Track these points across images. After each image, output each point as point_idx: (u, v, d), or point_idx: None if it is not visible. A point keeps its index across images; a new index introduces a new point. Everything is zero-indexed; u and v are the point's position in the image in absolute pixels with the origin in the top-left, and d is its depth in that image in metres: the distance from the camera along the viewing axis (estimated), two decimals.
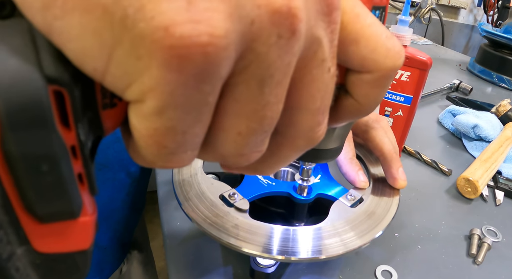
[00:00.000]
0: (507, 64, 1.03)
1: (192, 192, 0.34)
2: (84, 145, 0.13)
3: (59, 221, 0.13)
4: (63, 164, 0.12)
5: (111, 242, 0.60)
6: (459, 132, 0.67)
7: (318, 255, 0.29)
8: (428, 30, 2.07)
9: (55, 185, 0.12)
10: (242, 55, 0.12)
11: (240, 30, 0.11)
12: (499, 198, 0.51)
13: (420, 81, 0.49)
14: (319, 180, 0.38)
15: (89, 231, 0.14)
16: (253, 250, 0.29)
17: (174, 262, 0.36)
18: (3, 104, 0.10)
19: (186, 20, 0.10)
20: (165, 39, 0.10)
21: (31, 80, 0.10)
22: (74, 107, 0.12)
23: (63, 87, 0.11)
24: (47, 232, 0.13)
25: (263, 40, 0.12)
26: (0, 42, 0.10)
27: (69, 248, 0.13)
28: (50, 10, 0.10)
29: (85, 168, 0.13)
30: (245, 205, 0.33)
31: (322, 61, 0.14)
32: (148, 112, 0.12)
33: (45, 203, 0.12)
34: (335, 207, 0.34)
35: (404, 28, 0.48)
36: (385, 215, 0.34)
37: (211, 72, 0.11)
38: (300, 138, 0.15)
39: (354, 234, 0.31)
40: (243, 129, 0.13)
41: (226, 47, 0.11)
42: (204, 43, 0.10)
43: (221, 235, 0.29)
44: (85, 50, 0.11)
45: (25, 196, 0.12)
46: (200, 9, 0.10)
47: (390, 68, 0.16)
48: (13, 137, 0.10)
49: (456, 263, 0.40)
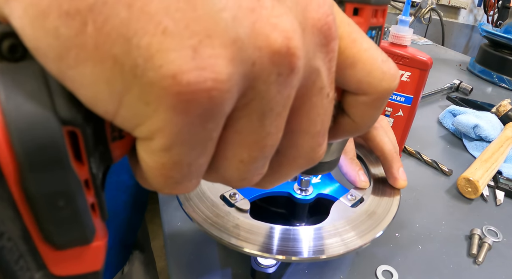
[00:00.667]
0: (507, 64, 1.03)
1: (193, 192, 0.34)
2: (96, 177, 0.13)
3: (74, 247, 0.14)
4: (78, 198, 0.12)
5: (114, 243, 0.60)
6: (459, 132, 0.67)
7: (319, 255, 0.29)
8: (428, 30, 2.07)
9: (71, 217, 0.13)
10: (244, 92, 0.12)
11: (242, 71, 0.12)
12: (499, 198, 0.51)
13: (421, 81, 0.49)
14: (320, 180, 0.38)
15: (101, 254, 0.15)
16: (254, 250, 0.29)
17: (175, 262, 0.36)
18: (21, 147, 0.11)
19: (192, 68, 0.11)
20: (173, 86, 0.11)
21: (47, 124, 0.11)
22: (87, 144, 0.12)
23: (77, 128, 0.12)
24: (63, 258, 0.14)
25: (263, 79, 0.12)
26: (16, 87, 0.11)
27: (82, 270, 0.14)
28: (63, 60, 0.11)
29: (97, 198, 0.14)
30: (246, 205, 0.33)
31: (321, 89, 0.14)
32: (156, 149, 0.12)
33: (62, 234, 0.13)
34: (336, 207, 0.34)
35: (404, 28, 0.48)
36: (386, 215, 0.34)
37: (215, 112, 0.12)
38: (301, 158, 0.16)
39: (355, 234, 0.31)
40: (245, 158, 0.14)
41: (229, 89, 0.11)
42: (209, 88, 0.11)
43: (222, 235, 0.29)
44: (97, 96, 0.11)
45: (43, 228, 0.12)
46: (204, 56, 0.11)
47: (385, 90, 0.16)
48: (31, 177, 0.11)
49: (457, 263, 0.40)
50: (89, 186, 0.13)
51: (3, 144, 0.11)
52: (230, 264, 0.35)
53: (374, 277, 0.37)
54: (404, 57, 0.48)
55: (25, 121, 0.11)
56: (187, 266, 0.36)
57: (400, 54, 0.49)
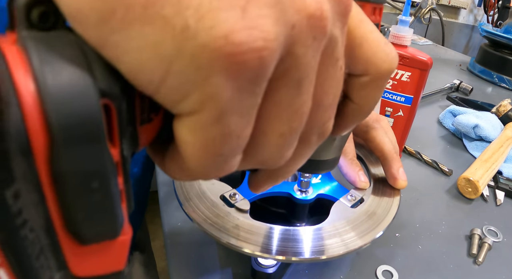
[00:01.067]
0: (507, 64, 1.03)
1: (193, 192, 0.34)
2: (126, 161, 0.12)
3: (101, 241, 0.12)
4: (112, 180, 0.11)
5: None
6: (459, 132, 0.67)
7: (319, 256, 0.29)
8: (429, 30, 2.07)
9: (104, 202, 0.11)
10: (283, 58, 0.12)
11: (285, 33, 0.12)
12: (499, 198, 0.51)
13: (421, 81, 0.49)
14: (320, 180, 0.38)
15: (126, 250, 0.13)
16: (253, 250, 0.29)
17: (175, 262, 0.36)
18: (58, 120, 0.09)
19: (242, 27, 0.11)
20: (225, 47, 0.10)
21: (88, 94, 0.10)
22: (120, 121, 0.11)
23: (113, 101, 0.11)
24: (87, 254, 0.12)
25: (302, 42, 0.12)
26: (51, 52, 0.10)
27: (106, 270, 0.13)
28: (107, 23, 0.10)
29: (125, 185, 0.13)
30: (246, 206, 0.33)
31: (337, 60, 0.15)
32: (205, 122, 0.12)
33: (92, 223, 0.11)
34: (336, 207, 0.34)
35: (405, 28, 0.48)
36: (386, 215, 0.34)
37: (263, 74, 0.12)
38: (313, 134, 0.16)
39: (355, 234, 0.31)
40: (285, 130, 0.14)
41: (277, 49, 0.11)
42: (260, 47, 0.11)
43: (221, 235, 0.29)
44: (143, 62, 0.11)
45: (70, 216, 0.11)
46: (253, 16, 0.11)
47: (387, 70, 0.17)
48: (66, 154, 0.10)
49: (457, 263, 0.40)
50: (119, 170, 0.12)
51: (35, 116, 0.09)
52: (230, 264, 0.35)
53: (374, 277, 0.37)
54: (404, 57, 0.48)
55: (63, 90, 0.09)
56: (187, 266, 0.36)
57: (400, 54, 0.49)
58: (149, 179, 0.66)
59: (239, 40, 0.10)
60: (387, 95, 0.51)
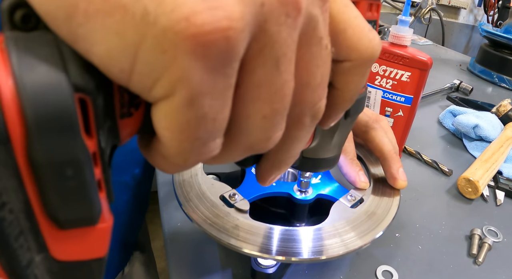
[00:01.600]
0: (507, 64, 1.03)
1: (193, 193, 0.34)
2: (104, 152, 0.13)
3: (79, 227, 0.13)
4: (86, 169, 0.12)
5: (115, 244, 0.60)
6: (459, 132, 0.67)
7: (319, 256, 0.29)
8: (429, 30, 2.07)
9: (79, 189, 0.12)
10: (256, 37, 0.12)
11: (253, 11, 0.12)
12: (499, 198, 0.51)
13: (421, 81, 0.49)
14: (320, 180, 0.38)
15: (106, 238, 0.14)
16: (253, 250, 0.29)
17: (175, 262, 0.36)
18: (32, 112, 0.10)
19: (204, 8, 0.11)
20: (188, 29, 0.10)
21: (60, 88, 0.11)
22: (96, 114, 0.12)
23: (88, 95, 0.12)
24: (66, 239, 0.13)
25: (274, 20, 0.12)
26: (28, 51, 0.11)
27: (86, 255, 0.14)
28: (73, 18, 0.11)
29: (104, 175, 0.13)
30: (246, 206, 0.33)
31: (320, 39, 0.15)
32: (179, 105, 0.12)
33: (67, 208, 0.12)
34: (336, 207, 0.34)
35: (405, 28, 0.48)
36: (386, 216, 0.34)
37: (232, 54, 0.12)
38: (306, 115, 0.16)
39: (355, 235, 0.31)
40: (268, 112, 0.14)
41: (243, 28, 0.11)
42: (225, 27, 0.11)
43: (221, 235, 0.29)
44: (110, 52, 0.11)
45: (48, 202, 0.12)
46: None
47: (370, 57, 0.17)
48: (40, 143, 0.11)
49: (457, 263, 0.40)
50: (97, 161, 0.13)
51: (12, 108, 0.10)
52: (230, 265, 0.35)
53: (374, 277, 0.37)
54: (404, 57, 0.48)
55: (37, 85, 0.10)
56: (187, 266, 0.36)
57: (400, 54, 0.49)
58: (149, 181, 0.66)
59: (201, 21, 0.11)
60: (387, 95, 0.51)
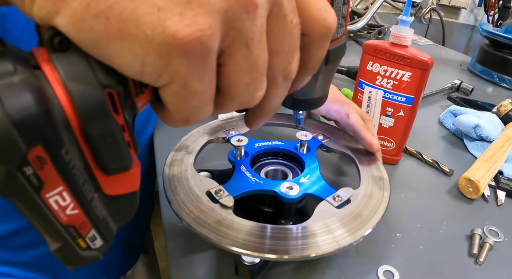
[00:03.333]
0: (508, 64, 1.03)
1: (180, 187, 0.35)
2: (128, 122, 0.19)
3: (119, 172, 0.19)
4: (119, 136, 0.18)
5: (120, 245, 0.60)
6: (460, 132, 0.67)
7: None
8: (429, 30, 2.07)
9: (117, 149, 0.18)
10: (227, 33, 0.17)
11: (219, 18, 0.17)
12: (500, 198, 0.51)
13: (421, 81, 0.49)
14: (308, 180, 0.38)
15: (137, 178, 0.21)
16: (233, 246, 0.29)
17: (175, 262, 0.36)
18: (80, 107, 0.16)
19: (183, 26, 0.16)
20: (174, 41, 0.16)
21: (94, 89, 0.17)
22: (120, 99, 0.18)
23: (112, 89, 0.17)
24: (112, 181, 0.20)
25: (237, 18, 0.17)
26: (69, 67, 0.16)
27: (125, 190, 0.20)
28: (100, 44, 0.16)
29: (130, 137, 0.19)
30: (230, 202, 0.33)
31: (285, 16, 0.19)
32: (177, 88, 0.18)
33: (111, 162, 0.18)
34: (321, 207, 0.35)
35: (405, 28, 0.48)
36: (372, 217, 0.34)
37: (207, 51, 0.17)
38: (279, 77, 0.21)
39: (340, 234, 0.31)
40: (249, 79, 0.19)
41: (213, 33, 0.17)
42: (198, 36, 0.16)
43: (202, 230, 0.30)
44: (126, 62, 0.17)
45: (98, 159, 0.18)
46: (189, 16, 0.16)
47: (325, 33, 0.21)
48: (88, 123, 0.17)
49: (458, 263, 0.40)
50: (125, 129, 0.18)
51: (69, 108, 0.16)
52: (230, 265, 0.35)
53: (376, 277, 0.37)
54: (404, 57, 0.49)
55: (80, 89, 0.16)
56: (187, 266, 0.36)
57: (401, 54, 0.49)
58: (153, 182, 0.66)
59: (182, 35, 0.16)
60: (388, 95, 0.52)
